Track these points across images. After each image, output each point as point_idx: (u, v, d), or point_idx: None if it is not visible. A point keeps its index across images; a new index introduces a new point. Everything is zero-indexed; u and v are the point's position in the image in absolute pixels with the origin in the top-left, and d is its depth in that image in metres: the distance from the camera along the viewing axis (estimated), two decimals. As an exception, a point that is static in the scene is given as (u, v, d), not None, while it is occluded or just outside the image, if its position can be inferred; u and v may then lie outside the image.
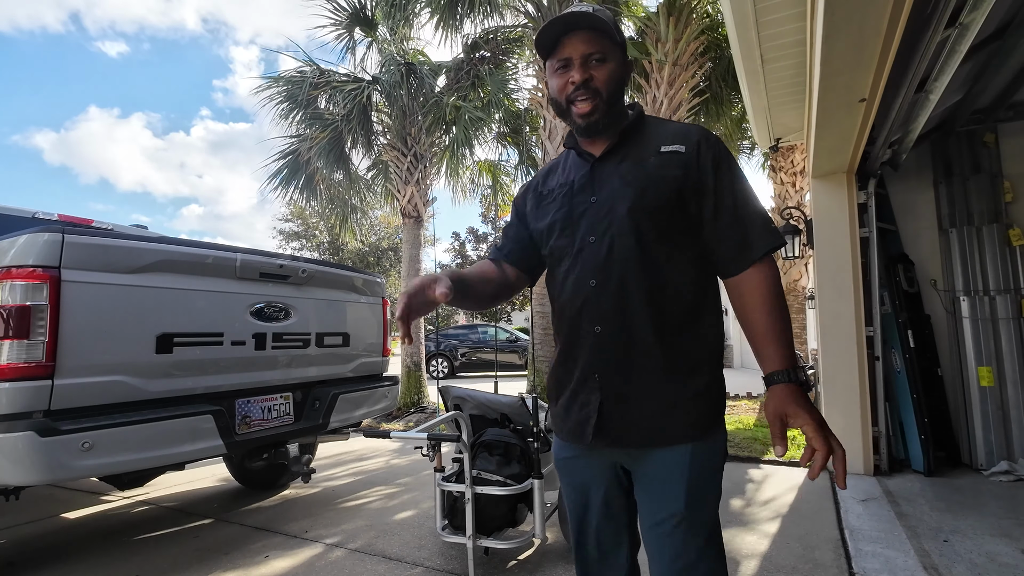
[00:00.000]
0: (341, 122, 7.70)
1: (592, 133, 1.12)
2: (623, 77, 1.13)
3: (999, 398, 3.80)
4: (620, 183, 1.09)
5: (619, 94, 1.12)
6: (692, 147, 1.08)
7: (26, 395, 1.90)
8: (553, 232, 1.16)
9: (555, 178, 1.22)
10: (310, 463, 3.27)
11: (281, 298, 2.83)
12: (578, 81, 1.07)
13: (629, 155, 1.12)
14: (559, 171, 1.23)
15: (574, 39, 1.08)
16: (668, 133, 1.12)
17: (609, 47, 1.09)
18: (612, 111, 1.11)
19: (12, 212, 3.23)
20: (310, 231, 23.49)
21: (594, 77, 1.08)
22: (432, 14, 7.07)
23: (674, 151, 1.08)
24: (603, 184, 1.11)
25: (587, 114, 1.09)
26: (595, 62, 1.08)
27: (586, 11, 1.06)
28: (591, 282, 1.08)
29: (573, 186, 1.15)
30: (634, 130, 1.15)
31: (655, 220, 1.06)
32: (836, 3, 1.98)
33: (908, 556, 2.44)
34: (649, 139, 1.12)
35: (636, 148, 1.12)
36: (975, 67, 3.36)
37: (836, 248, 3.98)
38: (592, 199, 1.11)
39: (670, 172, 1.07)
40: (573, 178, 1.16)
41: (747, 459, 4.36)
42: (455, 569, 2.44)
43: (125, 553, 2.71)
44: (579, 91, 1.08)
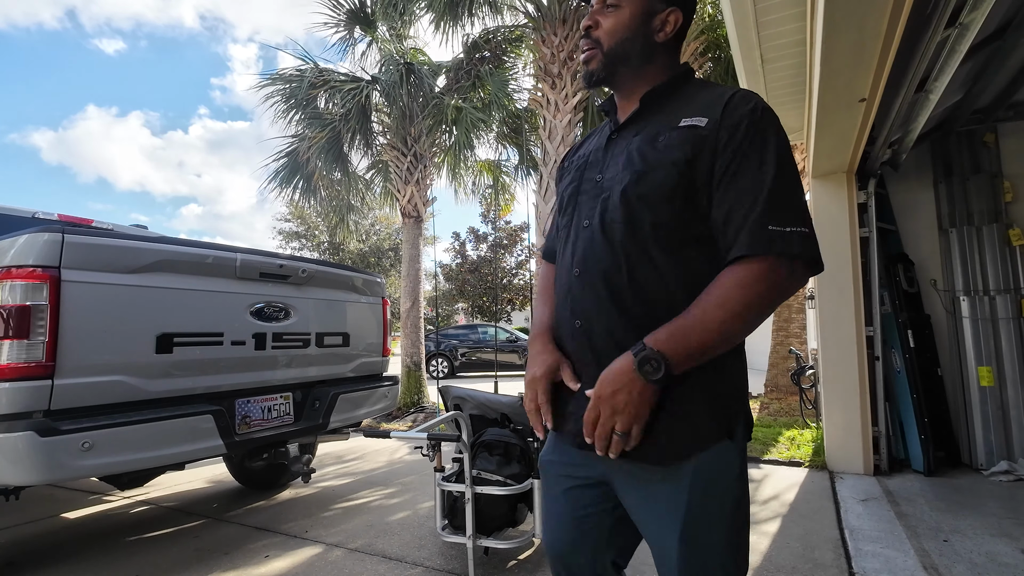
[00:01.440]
0: (340, 122, 7.70)
1: (591, 84, 1.02)
2: (644, 28, 0.96)
3: (999, 398, 3.80)
4: (625, 161, 0.95)
5: (627, 49, 0.97)
6: (715, 118, 0.87)
7: (26, 395, 1.89)
8: (560, 209, 1.08)
9: (587, 145, 1.11)
10: (310, 463, 3.27)
11: (281, 298, 2.83)
12: (584, 27, 1.00)
13: (647, 128, 0.96)
14: (595, 137, 1.11)
15: None
16: (700, 101, 0.93)
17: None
18: (617, 67, 0.98)
19: (12, 212, 3.23)
20: (310, 231, 23.48)
21: (599, 23, 0.98)
22: (432, 13, 7.07)
23: (693, 125, 0.89)
24: (613, 160, 0.98)
25: (585, 62, 1.00)
26: (606, 7, 0.97)
27: None
28: (575, 271, 0.96)
29: (588, 158, 1.05)
30: (664, 95, 0.97)
31: (653, 211, 0.88)
32: (836, 3, 1.98)
33: (908, 556, 2.44)
34: (678, 107, 0.94)
35: (657, 119, 0.96)
36: (975, 67, 3.36)
37: (836, 248, 3.98)
38: (598, 176, 0.99)
39: (676, 154, 0.88)
40: (592, 149, 1.06)
41: (747, 459, 4.35)
42: (455, 569, 2.44)
43: (125, 553, 2.71)
44: (584, 38, 1.00)
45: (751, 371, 5.56)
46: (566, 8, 6.29)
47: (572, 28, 6.31)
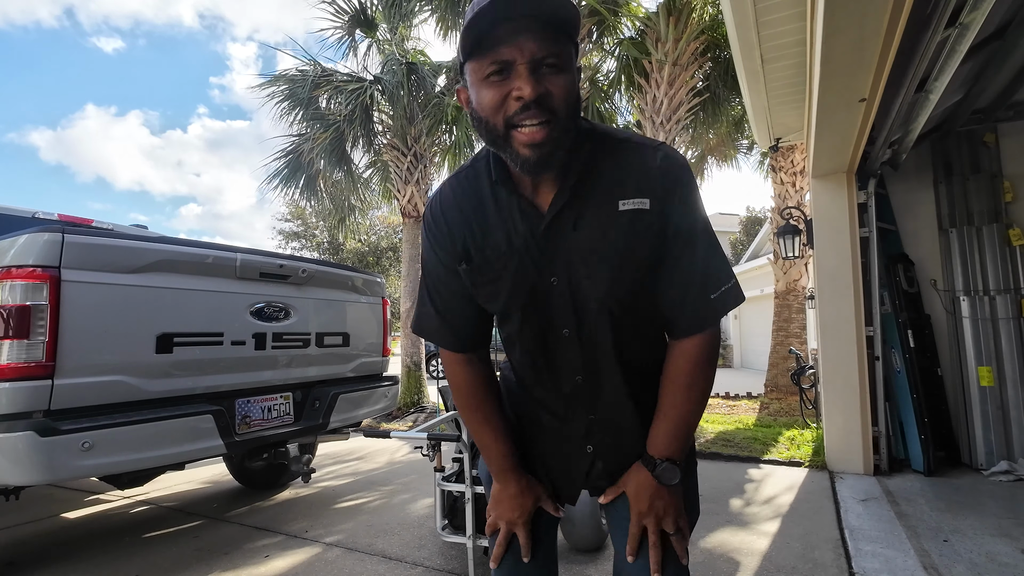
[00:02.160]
0: (343, 122, 7.70)
1: (543, 170, 0.81)
2: (579, 92, 0.83)
3: (999, 398, 3.80)
4: (582, 262, 0.86)
5: (575, 116, 0.81)
6: (657, 200, 0.84)
7: (26, 395, 1.90)
8: (510, 318, 0.94)
9: (490, 232, 0.89)
10: (310, 463, 3.27)
11: (281, 298, 2.83)
12: (529, 97, 0.74)
13: (585, 214, 0.85)
14: (492, 220, 0.89)
15: (521, 33, 0.74)
16: (627, 171, 0.85)
17: (566, 47, 0.78)
18: (568, 140, 0.80)
19: (12, 212, 3.23)
20: (309, 231, 23.49)
21: (551, 93, 0.76)
22: (432, 13, 7.07)
23: (637, 209, 0.84)
24: (560, 258, 0.87)
25: (540, 143, 0.76)
26: (548, 69, 0.76)
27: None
28: (577, 378, 0.94)
29: (522, 256, 0.88)
30: (586, 168, 0.86)
31: (634, 312, 0.91)
32: (836, 3, 1.99)
33: (908, 556, 2.44)
34: (605, 182, 0.86)
35: (591, 201, 0.85)
36: (975, 67, 3.36)
37: (836, 248, 3.99)
38: (552, 280, 0.88)
39: (641, 249, 0.85)
40: (519, 244, 0.88)
41: (747, 459, 4.36)
42: (455, 569, 2.44)
43: (125, 553, 2.71)
44: (529, 111, 0.75)
45: (751, 371, 5.58)
46: None
47: (572, 28, 6.30)
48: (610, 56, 7.64)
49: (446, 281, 0.95)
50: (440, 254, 0.94)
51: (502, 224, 0.89)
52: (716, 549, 2.61)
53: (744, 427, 5.63)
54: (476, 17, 0.73)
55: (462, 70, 0.82)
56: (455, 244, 0.92)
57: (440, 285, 0.96)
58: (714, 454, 4.51)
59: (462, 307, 0.96)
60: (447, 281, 0.95)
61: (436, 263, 0.95)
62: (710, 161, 10.14)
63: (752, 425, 5.76)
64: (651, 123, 6.23)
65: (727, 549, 2.61)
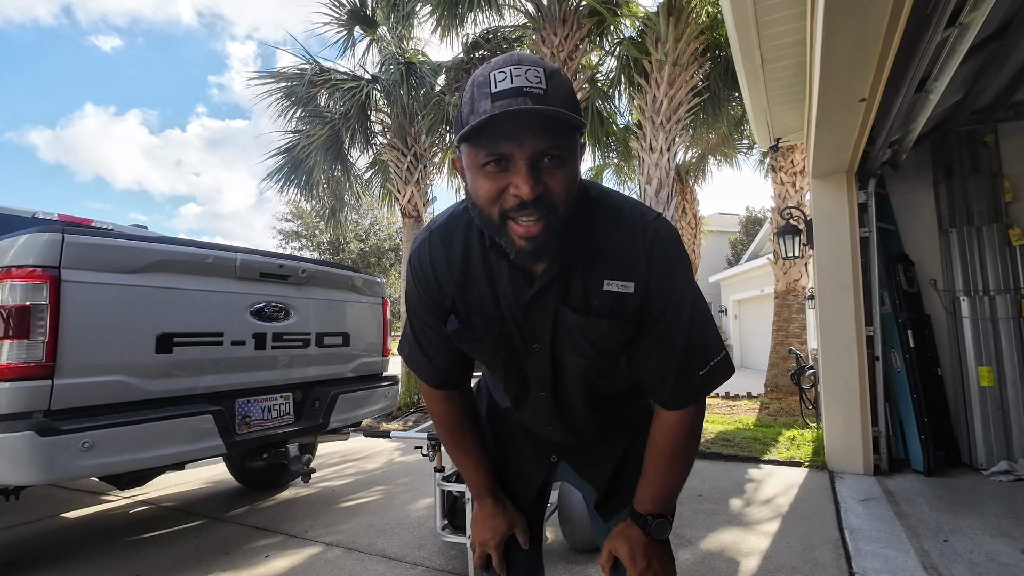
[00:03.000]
0: (339, 120, 7.71)
1: (538, 260, 0.78)
2: (580, 179, 0.79)
3: (999, 398, 3.80)
4: (564, 337, 0.87)
5: (574, 204, 0.77)
6: (642, 282, 0.83)
7: (26, 395, 1.89)
8: (495, 371, 0.99)
9: (475, 290, 0.88)
10: (310, 463, 3.27)
11: (281, 298, 2.83)
12: (527, 197, 0.70)
13: (571, 287, 0.84)
14: (478, 279, 0.88)
15: (521, 128, 0.69)
16: (613, 248, 0.83)
17: (568, 139, 0.73)
18: (563, 230, 0.77)
19: (12, 212, 3.23)
20: (310, 231, 23.48)
21: (550, 189, 0.72)
22: (432, 13, 7.07)
23: (621, 292, 0.83)
24: (543, 327, 0.87)
25: (537, 236, 0.73)
26: (549, 162, 0.71)
27: (539, 93, 0.68)
28: (548, 428, 1.03)
29: (507, 321, 0.88)
30: (576, 239, 0.82)
31: (610, 382, 0.97)
32: (836, 3, 1.99)
33: (908, 556, 2.44)
34: (592, 256, 0.84)
35: (577, 276, 0.84)
36: (975, 67, 3.36)
37: (836, 248, 3.99)
38: (535, 347, 0.90)
39: (624, 334, 0.85)
40: (505, 307, 0.87)
41: (747, 459, 4.36)
42: (455, 569, 2.44)
43: (125, 553, 2.71)
44: (527, 209, 0.72)
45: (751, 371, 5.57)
46: (566, 8, 6.30)
47: (572, 28, 6.31)
48: (610, 56, 7.64)
49: (430, 324, 0.94)
50: (426, 301, 0.93)
51: (490, 285, 0.87)
52: (716, 549, 2.61)
53: (744, 427, 5.63)
54: (482, 120, 0.68)
55: (458, 144, 0.76)
56: (443, 299, 0.91)
57: (424, 326, 0.96)
58: (714, 454, 4.51)
59: (443, 350, 0.97)
60: (431, 324, 0.94)
61: (420, 306, 0.94)
62: (710, 161, 10.14)
63: (752, 425, 5.76)
64: (651, 123, 6.23)
65: (727, 549, 2.61)
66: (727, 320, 17.88)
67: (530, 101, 0.67)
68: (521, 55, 0.73)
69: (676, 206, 9.09)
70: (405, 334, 1.01)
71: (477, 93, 0.71)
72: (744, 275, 15.64)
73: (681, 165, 9.79)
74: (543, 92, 0.69)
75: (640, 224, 0.84)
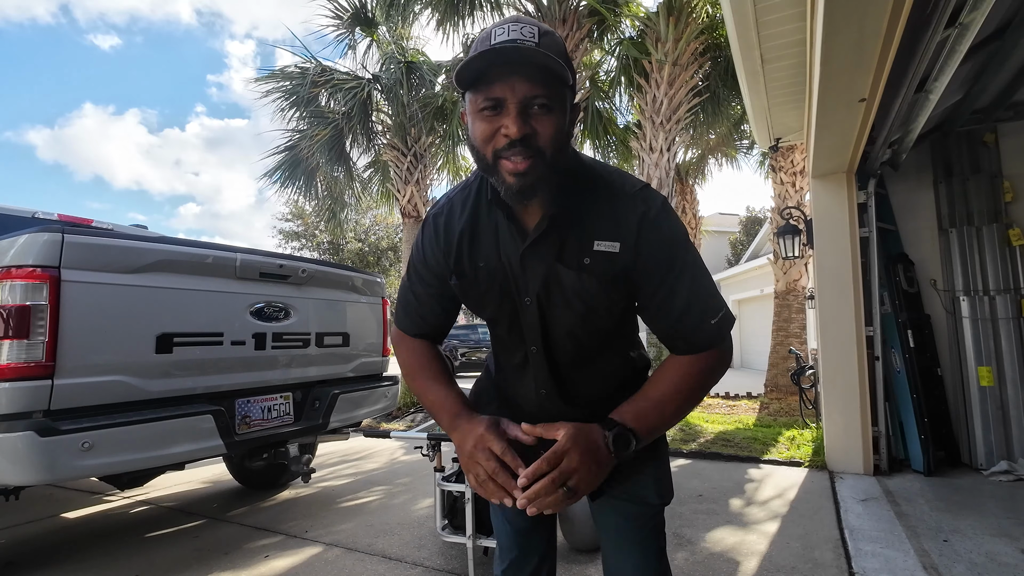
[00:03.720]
0: (342, 119, 7.71)
1: (526, 199, 0.85)
2: (570, 131, 0.87)
3: (999, 398, 3.80)
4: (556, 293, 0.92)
5: (565, 152, 0.86)
6: (630, 244, 0.88)
7: (26, 395, 1.89)
8: (499, 324, 1.02)
9: (482, 247, 0.96)
10: (310, 463, 3.27)
11: (281, 298, 2.83)
12: (515, 136, 0.78)
13: (566, 246, 0.90)
14: (485, 236, 0.96)
15: (513, 75, 0.78)
16: (605, 213, 0.90)
17: (557, 89, 0.81)
18: (553, 175, 0.84)
19: (12, 212, 3.23)
20: (310, 231, 23.48)
21: (537, 133, 0.80)
22: (433, 13, 7.08)
23: (608, 251, 0.88)
24: (535, 281, 0.92)
25: (523, 172, 0.80)
26: (538, 109, 0.80)
27: (532, 43, 0.78)
28: (541, 391, 1.02)
29: (507, 272, 0.94)
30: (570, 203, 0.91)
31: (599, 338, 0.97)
32: (836, 3, 1.99)
33: (908, 556, 2.44)
34: (585, 218, 0.90)
35: (573, 234, 0.90)
36: (975, 67, 3.36)
37: (836, 248, 3.99)
38: (526, 300, 0.94)
39: (613, 292, 0.90)
40: (504, 260, 0.94)
41: (747, 459, 4.36)
42: (455, 569, 2.44)
43: (125, 553, 2.71)
44: (515, 148, 0.80)
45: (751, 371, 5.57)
46: (566, 8, 6.30)
47: (572, 28, 6.31)
48: (610, 56, 7.64)
49: (427, 280, 1.03)
50: (430, 259, 1.01)
51: (495, 240, 0.95)
52: (716, 549, 2.61)
53: (744, 427, 5.63)
54: (475, 60, 0.78)
55: (463, 96, 0.86)
56: (447, 258, 0.98)
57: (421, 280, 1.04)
58: (714, 454, 4.51)
59: (431, 304, 1.05)
60: (428, 280, 1.03)
61: (423, 266, 1.03)
62: (710, 161, 10.14)
63: (752, 425, 5.76)
64: (651, 123, 6.23)
65: (727, 549, 2.61)
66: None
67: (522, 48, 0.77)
68: (520, 16, 0.82)
69: (676, 206, 9.09)
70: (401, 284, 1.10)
71: (479, 45, 0.80)
72: (744, 275, 15.64)
73: (681, 165, 9.78)
74: (535, 44, 0.78)
75: (630, 191, 0.91)
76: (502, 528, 1.17)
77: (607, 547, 1.10)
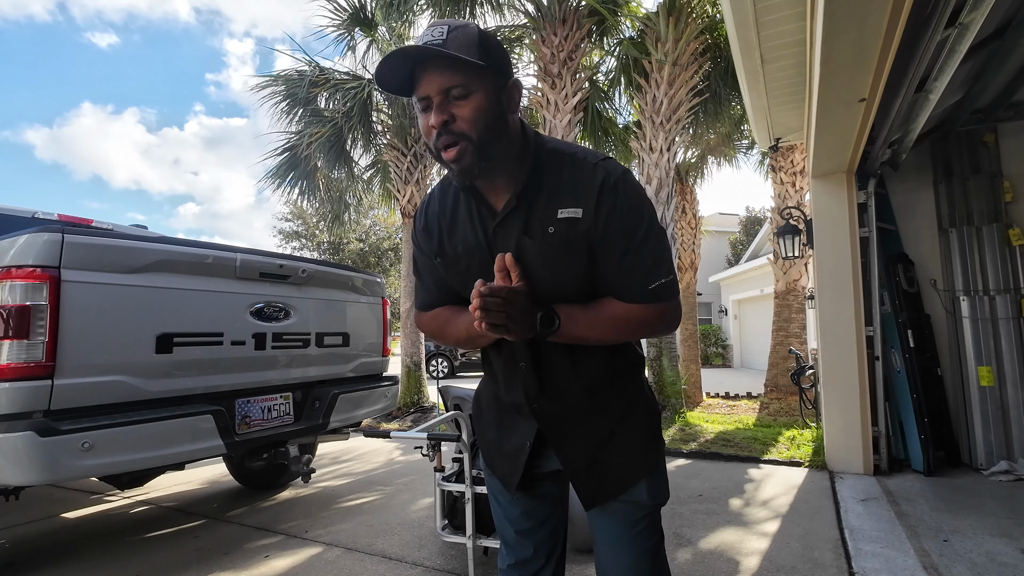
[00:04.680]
0: (342, 119, 7.71)
1: (468, 179, 0.93)
2: (499, 108, 0.93)
3: (999, 398, 3.80)
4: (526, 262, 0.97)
5: (495, 131, 0.92)
6: (591, 209, 0.94)
7: (26, 395, 1.89)
8: None
9: (460, 229, 1.04)
10: (310, 463, 3.27)
11: (281, 298, 2.83)
12: (436, 125, 0.89)
13: (531, 219, 0.96)
14: (462, 219, 1.04)
15: (427, 71, 0.88)
16: (568, 183, 0.96)
17: (473, 75, 0.88)
18: (490, 153, 0.92)
19: (12, 212, 3.23)
20: (310, 231, 23.48)
21: (456, 117, 0.89)
22: (433, 12, 7.07)
23: (571, 218, 0.94)
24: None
25: (458, 159, 0.90)
26: (455, 99, 0.88)
27: (439, 38, 0.86)
28: (520, 364, 1.05)
29: (485, 251, 1.01)
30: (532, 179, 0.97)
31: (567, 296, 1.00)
32: (836, 3, 1.99)
33: (908, 556, 2.44)
34: (549, 191, 0.97)
35: (538, 207, 0.96)
36: (975, 67, 3.36)
37: (836, 248, 3.99)
38: None
39: (574, 256, 0.96)
40: (480, 239, 1.01)
41: (747, 459, 4.36)
42: (455, 569, 2.44)
43: (125, 553, 2.71)
44: (442, 137, 0.89)
45: (751, 371, 5.55)
46: (566, 8, 6.29)
47: (572, 28, 6.31)
48: (610, 56, 7.64)
49: (428, 266, 1.13)
50: (422, 243, 1.11)
51: (471, 222, 1.03)
52: (716, 549, 2.61)
53: (744, 427, 5.63)
54: (391, 64, 0.88)
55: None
56: (431, 241, 1.08)
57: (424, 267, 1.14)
58: (714, 454, 4.51)
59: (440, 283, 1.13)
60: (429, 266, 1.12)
61: (417, 246, 1.13)
62: (710, 161, 10.14)
63: (752, 425, 5.76)
64: (651, 123, 6.23)
65: (727, 549, 2.61)
66: (727, 320, 17.88)
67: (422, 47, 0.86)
68: (437, 21, 0.91)
69: (676, 206, 9.09)
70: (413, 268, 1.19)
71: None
72: (744, 275, 15.64)
73: (681, 165, 9.78)
74: (442, 42, 0.86)
75: (591, 163, 0.97)
76: (506, 526, 1.18)
77: (601, 547, 1.11)
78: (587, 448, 1.07)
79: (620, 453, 1.07)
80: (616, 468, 1.07)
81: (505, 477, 1.14)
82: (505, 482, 1.14)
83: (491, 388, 1.19)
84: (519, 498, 1.15)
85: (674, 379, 6.11)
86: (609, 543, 1.09)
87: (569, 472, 1.08)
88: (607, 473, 1.06)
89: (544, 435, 1.08)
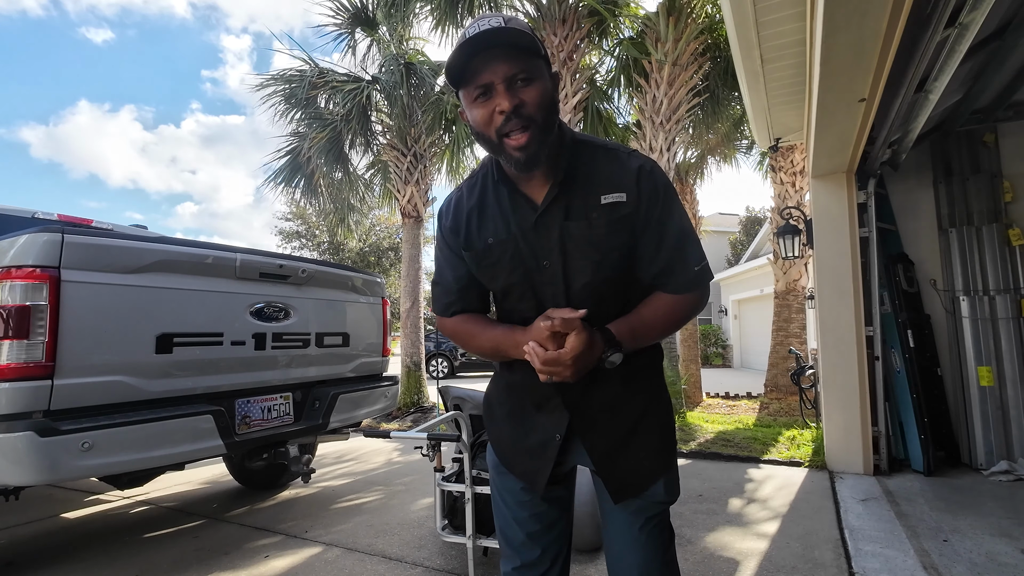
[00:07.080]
0: (340, 122, 7.70)
1: (533, 167, 0.97)
2: (555, 97, 0.98)
3: (999, 398, 3.80)
4: (571, 248, 1.00)
5: (554, 117, 0.97)
6: (633, 194, 0.99)
7: (26, 395, 1.89)
8: (511, 295, 1.09)
9: (490, 222, 1.06)
10: (310, 463, 3.27)
11: (281, 298, 2.83)
12: (508, 109, 0.91)
13: (573, 205, 1.00)
14: (492, 213, 1.06)
15: (492, 60, 0.91)
16: (605, 171, 1.01)
17: (534, 63, 0.94)
18: (549, 139, 0.96)
19: (11, 212, 3.23)
20: (310, 231, 23.47)
21: (525, 102, 0.92)
22: (432, 12, 7.07)
23: (616, 202, 0.99)
24: (550, 244, 1.02)
25: (524, 146, 0.92)
26: (521, 83, 0.92)
27: (500, 26, 0.89)
28: None
29: (519, 243, 1.03)
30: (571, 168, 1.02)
31: (612, 284, 1.03)
32: (836, 3, 1.99)
33: (908, 556, 2.44)
34: (588, 180, 1.01)
35: (578, 195, 1.01)
36: (975, 67, 3.36)
37: (836, 248, 3.99)
38: (544, 263, 1.03)
39: (620, 237, 1.00)
40: (515, 231, 1.03)
41: (747, 459, 4.36)
42: (455, 569, 2.44)
43: (125, 553, 2.71)
44: (511, 121, 0.92)
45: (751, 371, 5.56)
46: (566, 8, 6.29)
47: (572, 28, 6.31)
48: (610, 56, 7.64)
49: (453, 263, 1.13)
50: (448, 238, 1.12)
51: (502, 215, 1.05)
52: (716, 549, 2.61)
53: (744, 427, 5.63)
54: (456, 56, 0.91)
55: (457, 95, 0.99)
56: (459, 235, 1.09)
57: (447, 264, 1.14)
58: (714, 454, 4.51)
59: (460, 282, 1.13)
60: (453, 264, 1.13)
61: (443, 242, 1.14)
62: (710, 161, 10.13)
63: (752, 425, 5.76)
64: (651, 123, 6.23)
65: (727, 549, 2.61)
66: (727, 320, 17.88)
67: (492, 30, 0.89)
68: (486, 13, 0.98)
69: (676, 206, 9.07)
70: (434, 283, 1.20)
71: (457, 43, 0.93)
72: (744, 275, 15.64)
73: (681, 165, 9.77)
74: (503, 30, 0.89)
75: (624, 153, 1.04)
76: (513, 529, 1.16)
77: (614, 542, 1.10)
78: (614, 441, 1.07)
79: (643, 447, 1.07)
80: (643, 462, 1.07)
81: (529, 475, 1.11)
82: (530, 479, 1.11)
83: (506, 386, 1.16)
84: (532, 500, 1.13)
85: (674, 379, 6.12)
86: (624, 539, 1.08)
87: (601, 466, 1.06)
88: (634, 468, 1.06)
89: (574, 428, 1.07)
